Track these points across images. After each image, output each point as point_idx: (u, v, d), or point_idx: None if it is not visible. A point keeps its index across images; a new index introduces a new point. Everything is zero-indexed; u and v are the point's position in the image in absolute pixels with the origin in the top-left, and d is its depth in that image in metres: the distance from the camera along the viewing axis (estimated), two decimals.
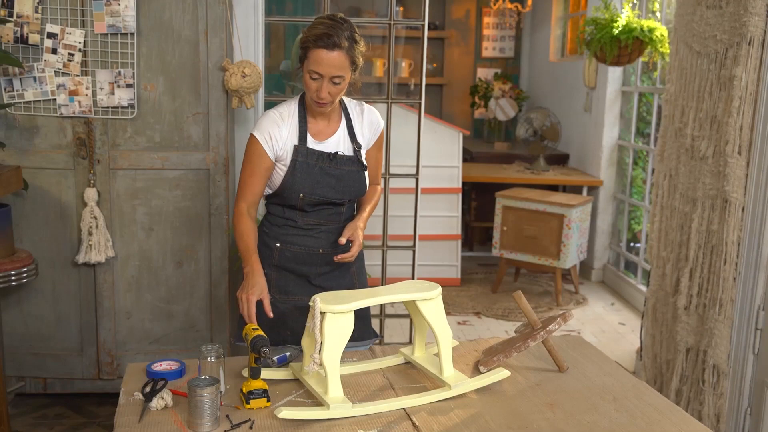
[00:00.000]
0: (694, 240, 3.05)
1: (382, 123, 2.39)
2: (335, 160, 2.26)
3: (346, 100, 2.35)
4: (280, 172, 2.25)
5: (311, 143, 2.25)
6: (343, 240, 2.23)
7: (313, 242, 2.30)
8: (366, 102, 2.44)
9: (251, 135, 2.24)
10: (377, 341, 2.52)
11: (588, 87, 5.83)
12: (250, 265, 2.18)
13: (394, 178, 3.60)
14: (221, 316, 3.37)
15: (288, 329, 2.31)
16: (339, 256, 2.23)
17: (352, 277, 2.40)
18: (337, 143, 2.28)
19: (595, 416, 1.85)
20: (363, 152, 2.33)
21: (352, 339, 2.30)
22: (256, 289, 2.10)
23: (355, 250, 2.23)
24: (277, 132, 2.22)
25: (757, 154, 2.77)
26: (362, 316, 2.36)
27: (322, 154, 2.24)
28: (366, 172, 2.33)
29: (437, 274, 5.23)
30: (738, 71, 2.79)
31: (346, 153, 2.28)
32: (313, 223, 2.30)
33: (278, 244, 2.31)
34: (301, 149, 2.23)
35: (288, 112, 2.26)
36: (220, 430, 1.73)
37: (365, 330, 2.39)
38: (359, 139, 2.31)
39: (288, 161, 2.23)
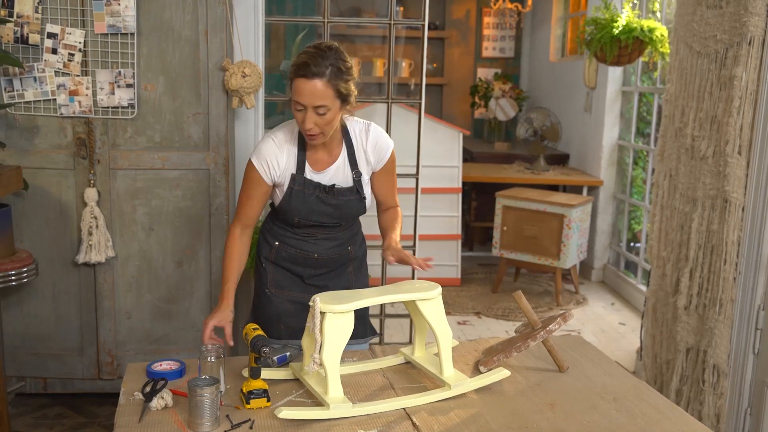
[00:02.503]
0: (694, 240, 3.05)
1: (391, 145, 2.31)
2: (332, 191, 2.24)
3: (353, 123, 2.29)
4: (279, 193, 2.27)
5: (309, 173, 2.23)
6: (391, 259, 2.20)
7: (309, 247, 2.31)
8: (366, 102, 2.44)
9: (249, 160, 2.24)
10: (374, 339, 2.51)
11: (588, 87, 5.83)
12: (222, 293, 2.22)
13: None
14: None
15: (282, 323, 2.34)
16: (416, 262, 2.17)
17: (349, 277, 2.40)
18: (336, 173, 2.25)
19: (596, 416, 1.85)
20: (366, 178, 2.29)
21: (352, 336, 2.32)
22: (216, 316, 2.13)
23: (419, 261, 2.15)
24: (275, 160, 2.21)
25: (757, 154, 2.77)
26: (360, 314, 2.36)
27: (318, 185, 2.23)
28: (366, 201, 2.29)
29: (437, 274, 5.22)
30: (738, 71, 2.79)
31: (344, 185, 2.25)
32: (310, 233, 2.31)
33: (277, 243, 2.34)
34: (298, 178, 2.22)
35: (287, 139, 2.23)
36: (220, 430, 1.74)
37: (362, 328, 2.40)
38: (360, 167, 2.27)
39: (285, 187, 2.24)
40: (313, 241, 2.31)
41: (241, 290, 3.61)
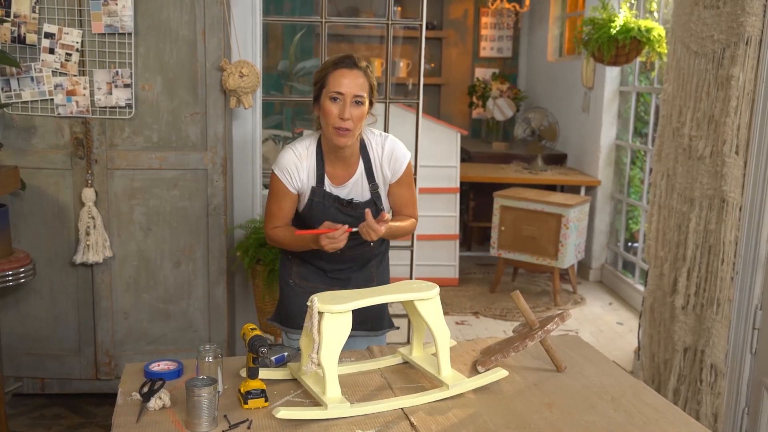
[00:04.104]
0: (692, 240, 3.05)
1: (407, 157, 2.33)
2: (350, 205, 2.28)
3: (369, 134, 2.32)
4: (301, 202, 2.32)
5: (328, 186, 2.28)
6: (369, 213, 2.15)
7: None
8: None
9: (273, 172, 2.30)
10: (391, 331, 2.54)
11: (586, 87, 5.84)
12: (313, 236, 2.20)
13: None
14: (219, 316, 3.37)
15: (301, 316, 2.34)
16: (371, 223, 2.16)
17: (371, 270, 2.42)
18: (354, 187, 2.29)
19: (593, 416, 1.85)
20: (383, 190, 2.32)
21: (371, 329, 2.39)
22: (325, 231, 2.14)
23: (375, 228, 2.14)
24: (295, 169, 2.26)
25: (754, 154, 2.78)
26: (378, 309, 2.39)
27: (338, 198, 2.28)
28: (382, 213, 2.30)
29: (435, 274, 5.22)
30: (735, 71, 2.79)
31: (362, 199, 2.29)
32: None
33: None
34: (318, 191, 2.27)
35: (305, 153, 2.28)
36: (218, 430, 1.73)
37: (379, 321, 2.42)
38: (377, 179, 2.30)
39: (306, 198, 2.29)
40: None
41: (239, 290, 3.61)
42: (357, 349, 2.25)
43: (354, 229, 2.17)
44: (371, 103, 2.22)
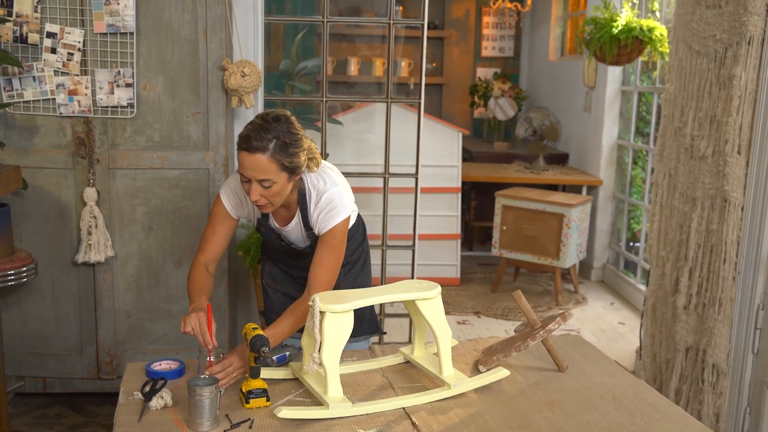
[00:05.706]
0: (694, 239, 3.05)
1: (341, 215, 2.15)
2: (290, 248, 2.30)
3: (315, 180, 2.19)
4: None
5: (272, 222, 2.27)
6: (213, 368, 1.92)
7: (295, 259, 2.36)
8: (365, 102, 2.44)
9: (218, 195, 2.25)
10: (375, 337, 2.52)
11: (587, 86, 5.83)
12: (197, 302, 2.08)
13: (393, 178, 3.60)
14: (221, 316, 3.37)
15: (274, 313, 2.38)
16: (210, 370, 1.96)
17: (339, 277, 2.39)
18: (294, 230, 2.26)
19: (595, 416, 1.85)
20: None
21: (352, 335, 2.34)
22: (194, 313, 2.00)
23: (222, 375, 1.92)
24: (244, 197, 2.22)
25: (756, 154, 2.77)
26: (358, 311, 2.37)
27: (279, 236, 2.28)
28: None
29: (437, 274, 5.22)
30: (737, 71, 2.79)
31: (301, 245, 2.28)
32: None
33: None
34: (263, 223, 2.28)
35: None
36: (219, 430, 1.74)
37: (357, 327, 2.40)
38: (313, 227, 2.21)
39: (255, 223, 2.31)
40: (297, 255, 2.35)
41: (240, 290, 3.61)
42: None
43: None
44: (294, 172, 2.07)
